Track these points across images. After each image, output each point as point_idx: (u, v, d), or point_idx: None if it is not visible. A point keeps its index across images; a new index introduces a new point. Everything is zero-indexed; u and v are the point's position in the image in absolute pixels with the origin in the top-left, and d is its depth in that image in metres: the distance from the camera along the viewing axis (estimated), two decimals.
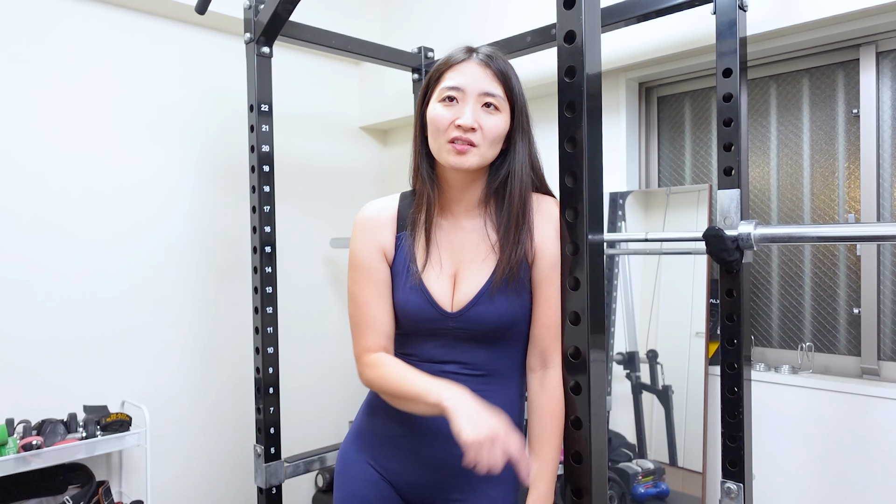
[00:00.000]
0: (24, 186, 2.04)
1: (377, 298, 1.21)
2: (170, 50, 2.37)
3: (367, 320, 1.21)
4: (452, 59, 1.16)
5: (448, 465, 1.18)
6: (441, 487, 1.20)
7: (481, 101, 1.13)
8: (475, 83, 1.13)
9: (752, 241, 1.43)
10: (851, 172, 1.85)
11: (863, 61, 1.80)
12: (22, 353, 2.03)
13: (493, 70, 1.15)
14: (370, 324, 1.21)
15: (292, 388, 2.59)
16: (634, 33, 1.95)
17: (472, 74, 1.14)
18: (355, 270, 1.23)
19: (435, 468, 1.19)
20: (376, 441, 1.25)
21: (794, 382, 1.79)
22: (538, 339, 1.18)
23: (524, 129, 1.19)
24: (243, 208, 2.47)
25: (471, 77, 1.13)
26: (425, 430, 1.19)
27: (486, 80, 1.14)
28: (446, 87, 1.14)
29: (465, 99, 1.13)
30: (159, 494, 2.31)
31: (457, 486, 1.19)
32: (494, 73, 1.15)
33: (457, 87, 1.13)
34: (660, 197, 2.13)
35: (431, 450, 1.19)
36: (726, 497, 1.53)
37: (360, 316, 1.22)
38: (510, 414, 1.20)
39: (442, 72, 1.16)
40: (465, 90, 1.13)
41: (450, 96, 1.13)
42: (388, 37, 2.87)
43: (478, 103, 1.13)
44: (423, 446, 1.20)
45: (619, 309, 2.15)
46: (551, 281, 1.15)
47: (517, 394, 1.23)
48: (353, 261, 1.24)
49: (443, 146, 1.14)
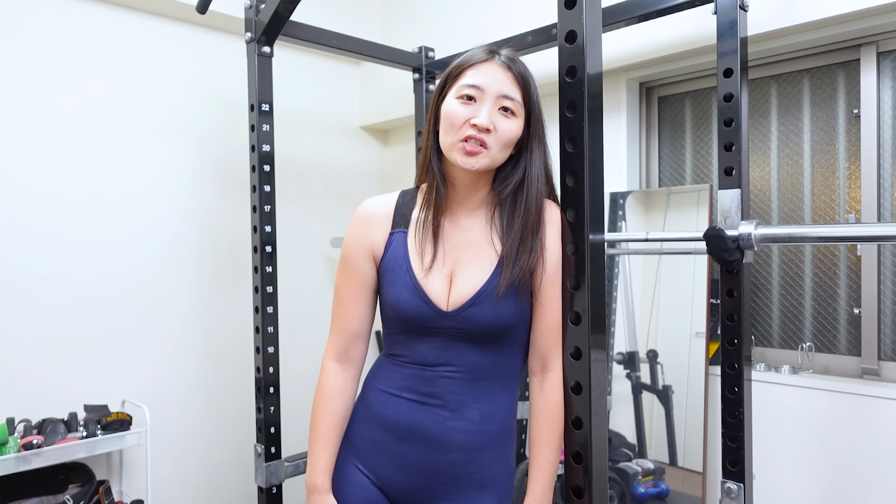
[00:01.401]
0: (24, 186, 2.04)
1: (353, 296, 1.25)
2: (171, 49, 2.37)
3: (339, 316, 1.27)
4: (474, 57, 1.16)
5: (438, 472, 1.17)
6: (431, 493, 1.19)
7: (499, 103, 1.13)
8: (495, 84, 1.13)
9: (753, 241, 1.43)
10: (852, 173, 1.85)
11: (863, 61, 1.80)
12: (22, 352, 2.03)
13: (514, 74, 1.15)
14: (341, 321, 1.27)
15: (293, 387, 2.59)
16: (635, 33, 1.95)
17: (492, 76, 1.13)
18: (342, 263, 1.28)
19: (424, 474, 1.18)
20: (366, 447, 1.24)
21: (795, 382, 1.79)
22: (539, 342, 1.17)
23: (540, 136, 1.19)
24: (244, 208, 2.48)
25: (491, 78, 1.13)
26: (413, 436, 1.18)
27: (506, 83, 1.13)
28: (466, 85, 1.13)
29: (484, 99, 1.12)
30: (160, 494, 2.31)
31: (447, 493, 1.18)
32: (515, 77, 1.15)
33: (476, 85, 1.12)
34: (660, 197, 2.13)
35: (420, 456, 1.18)
36: (726, 497, 1.53)
37: (336, 309, 1.27)
38: (502, 418, 1.19)
39: (463, 69, 1.16)
40: (484, 90, 1.12)
41: (469, 94, 1.13)
42: (389, 36, 2.87)
43: (495, 105, 1.12)
44: (412, 453, 1.18)
45: (619, 309, 2.15)
46: (554, 284, 1.14)
47: (510, 398, 1.22)
48: (342, 254, 1.28)
49: (454, 143, 1.13)
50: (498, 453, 1.19)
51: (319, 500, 1.23)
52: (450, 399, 1.17)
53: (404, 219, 1.24)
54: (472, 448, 1.17)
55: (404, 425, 1.18)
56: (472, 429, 1.16)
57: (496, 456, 1.19)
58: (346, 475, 1.25)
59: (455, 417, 1.16)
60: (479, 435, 1.17)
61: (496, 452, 1.19)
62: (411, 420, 1.18)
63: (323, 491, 1.23)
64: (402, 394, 1.20)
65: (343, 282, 1.27)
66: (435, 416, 1.16)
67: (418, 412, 1.17)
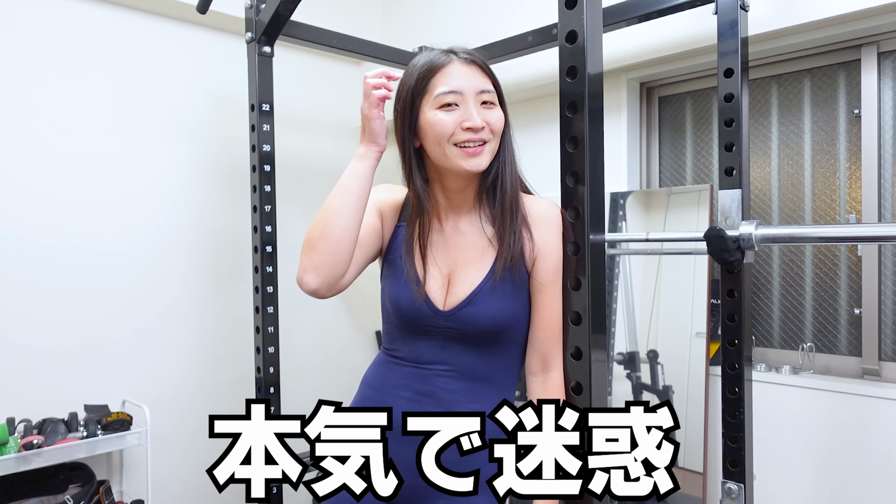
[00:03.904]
0: (24, 186, 2.04)
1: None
2: (171, 49, 2.37)
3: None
4: (435, 63, 1.14)
5: None
6: (425, 492, 1.19)
7: (480, 99, 1.13)
8: (470, 83, 1.12)
9: (754, 241, 1.43)
10: (853, 173, 1.85)
11: (864, 62, 1.80)
12: (23, 352, 2.03)
13: (480, 66, 1.15)
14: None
15: (293, 387, 2.59)
16: (636, 33, 1.94)
17: (463, 75, 1.12)
18: None
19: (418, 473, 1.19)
20: None
21: (795, 383, 1.79)
22: (540, 341, 1.17)
23: (508, 121, 1.20)
24: (244, 207, 2.47)
25: (463, 78, 1.12)
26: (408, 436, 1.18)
27: (477, 78, 1.13)
28: (443, 93, 1.11)
29: (465, 101, 1.11)
30: (160, 493, 2.31)
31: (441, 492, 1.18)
32: (482, 69, 1.15)
33: (454, 90, 1.11)
34: (661, 197, 2.12)
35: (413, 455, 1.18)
36: (727, 497, 1.53)
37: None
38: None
39: (428, 79, 1.13)
40: (462, 93, 1.11)
41: (449, 102, 1.11)
42: (389, 36, 2.87)
43: (477, 102, 1.12)
44: (405, 451, 1.18)
45: (619, 309, 2.15)
46: (555, 283, 1.14)
47: (508, 400, 1.21)
48: None
49: (450, 151, 1.12)
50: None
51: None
52: (444, 398, 1.17)
53: (407, 214, 1.25)
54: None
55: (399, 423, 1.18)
56: None
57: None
58: None
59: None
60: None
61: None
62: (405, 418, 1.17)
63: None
64: (398, 392, 1.20)
65: None
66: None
67: (413, 410, 1.17)
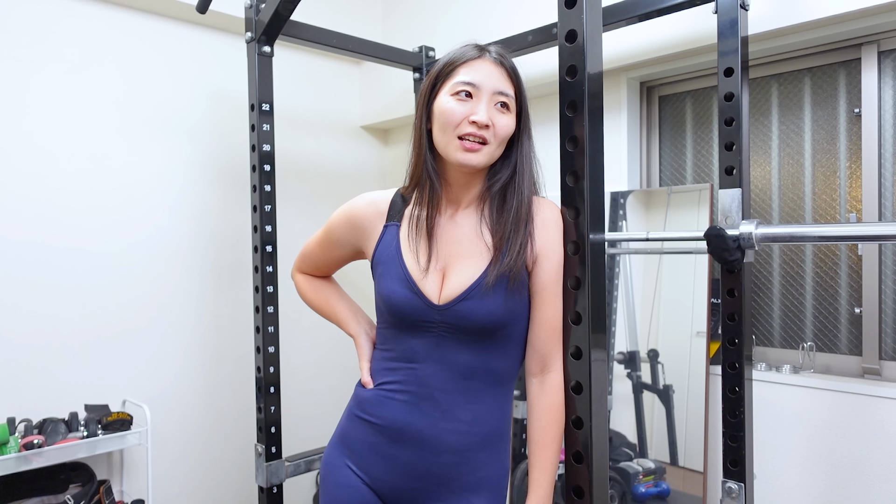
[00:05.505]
0: (24, 186, 2.04)
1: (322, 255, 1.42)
2: (171, 49, 2.37)
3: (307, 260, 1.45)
4: (466, 55, 1.16)
5: (430, 473, 1.16)
6: (424, 494, 1.18)
7: (495, 99, 1.13)
8: (490, 81, 1.13)
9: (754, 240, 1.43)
10: (853, 172, 1.85)
11: (864, 61, 1.80)
12: (23, 352, 2.03)
13: (507, 69, 1.16)
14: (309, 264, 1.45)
15: (293, 387, 2.59)
16: (636, 32, 1.95)
17: (487, 72, 1.13)
18: (325, 231, 1.39)
19: (417, 476, 1.17)
20: (358, 446, 1.23)
21: (796, 382, 1.79)
22: (539, 342, 1.16)
23: (528, 131, 1.20)
24: (244, 207, 2.48)
25: (486, 75, 1.13)
26: (406, 438, 1.17)
27: (500, 80, 1.14)
28: (461, 82, 1.13)
29: (480, 96, 1.12)
30: (160, 493, 2.31)
31: (440, 494, 1.17)
32: (508, 73, 1.15)
33: (472, 83, 1.12)
34: (661, 196, 2.12)
35: (412, 458, 1.17)
36: (727, 496, 1.53)
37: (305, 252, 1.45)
38: (495, 420, 1.18)
39: (455, 66, 1.15)
40: (480, 87, 1.12)
41: (465, 91, 1.12)
42: (389, 36, 2.87)
43: (491, 102, 1.13)
44: (404, 454, 1.18)
45: (620, 308, 2.15)
46: (555, 284, 1.13)
47: (504, 399, 1.21)
48: (328, 225, 1.38)
49: (451, 142, 1.13)
50: (491, 454, 1.18)
51: (363, 339, 1.35)
52: (441, 399, 1.16)
53: (399, 214, 1.25)
54: (464, 449, 1.16)
55: (397, 426, 1.18)
56: (463, 430, 1.16)
57: (489, 457, 1.18)
58: (338, 476, 1.24)
59: (446, 418, 1.15)
60: (472, 436, 1.16)
61: (489, 454, 1.18)
62: (403, 421, 1.17)
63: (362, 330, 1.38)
64: (395, 394, 1.19)
65: (317, 245, 1.42)
66: (427, 418, 1.16)
67: (410, 413, 1.17)
